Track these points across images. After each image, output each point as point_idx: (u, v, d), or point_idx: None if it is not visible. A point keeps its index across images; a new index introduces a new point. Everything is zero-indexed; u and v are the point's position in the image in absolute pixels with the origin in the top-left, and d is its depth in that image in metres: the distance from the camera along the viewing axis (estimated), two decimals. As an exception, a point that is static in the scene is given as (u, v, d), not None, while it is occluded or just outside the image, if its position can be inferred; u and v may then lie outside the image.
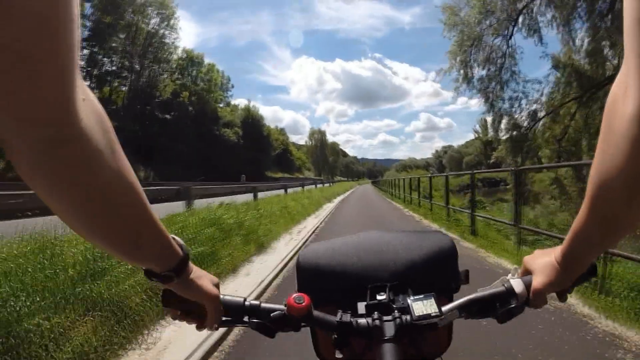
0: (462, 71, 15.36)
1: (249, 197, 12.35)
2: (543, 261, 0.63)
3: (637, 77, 0.36)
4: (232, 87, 56.30)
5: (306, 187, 24.98)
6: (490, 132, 16.13)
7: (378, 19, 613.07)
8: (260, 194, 13.24)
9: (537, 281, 0.62)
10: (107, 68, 38.25)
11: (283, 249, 6.78)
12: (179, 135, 38.12)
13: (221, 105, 52.72)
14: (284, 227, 8.89)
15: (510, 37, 14.68)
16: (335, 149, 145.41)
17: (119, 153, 0.42)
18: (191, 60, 45.91)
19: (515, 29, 14.59)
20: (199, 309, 0.63)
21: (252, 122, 52.35)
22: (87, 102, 0.36)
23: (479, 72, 15.30)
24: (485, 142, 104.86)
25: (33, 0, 0.27)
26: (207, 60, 48.65)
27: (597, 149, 0.44)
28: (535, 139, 14.34)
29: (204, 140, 41.31)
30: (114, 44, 37.38)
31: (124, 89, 40.18)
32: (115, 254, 0.49)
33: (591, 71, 13.22)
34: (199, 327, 0.65)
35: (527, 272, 0.66)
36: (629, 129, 0.38)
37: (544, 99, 14.71)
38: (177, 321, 0.65)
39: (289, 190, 18.55)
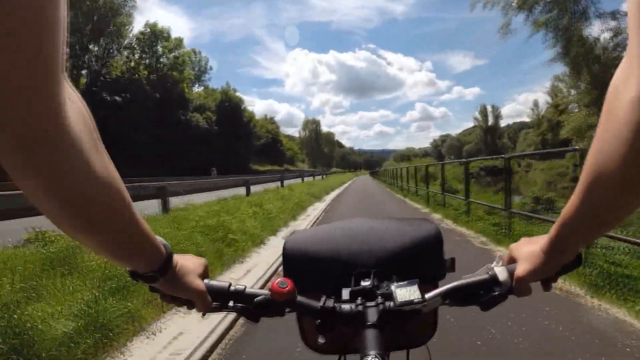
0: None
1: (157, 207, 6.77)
2: (528, 249, 0.62)
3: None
4: (211, 69, 50.02)
5: (289, 182, 19.45)
6: (565, 88, 10.46)
7: (370, 10, 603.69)
8: (188, 198, 7.65)
9: (521, 269, 0.61)
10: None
11: None
12: (134, 121, 31.86)
13: (198, 88, 46.49)
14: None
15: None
16: (330, 139, 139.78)
17: (103, 153, 0.42)
18: (155, 35, 39.01)
19: None
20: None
21: (229, 105, 44.19)
22: (74, 103, 0.37)
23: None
24: (486, 129, 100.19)
25: None
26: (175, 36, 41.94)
27: (595, 135, 0.44)
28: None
29: (167, 127, 35.02)
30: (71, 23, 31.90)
31: (83, 72, 34.94)
32: (102, 253, 0.49)
33: None
34: (189, 309, 0.65)
35: (512, 260, 0.65)
36: (630, 113, 0.38)
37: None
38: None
39: (257, 188, 12.97)
